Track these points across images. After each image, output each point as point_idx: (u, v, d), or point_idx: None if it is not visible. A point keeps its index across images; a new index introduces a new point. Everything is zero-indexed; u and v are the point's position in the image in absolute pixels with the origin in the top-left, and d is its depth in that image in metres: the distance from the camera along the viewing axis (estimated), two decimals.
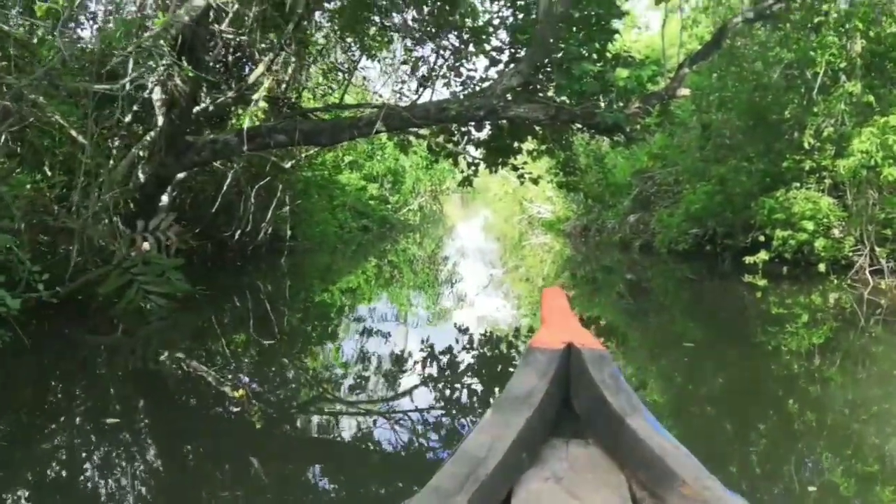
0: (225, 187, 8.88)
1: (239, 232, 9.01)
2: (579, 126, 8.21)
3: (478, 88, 8.50)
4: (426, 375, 5.42)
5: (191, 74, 5.60)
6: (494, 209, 33.04)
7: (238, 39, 8.16)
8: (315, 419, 4.52)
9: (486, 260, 16.37)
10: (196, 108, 8.47)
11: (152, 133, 7.07)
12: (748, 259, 10.89)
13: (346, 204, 17.16)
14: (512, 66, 7.52)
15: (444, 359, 5.94)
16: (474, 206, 44.10)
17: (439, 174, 21.51)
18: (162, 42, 5.26)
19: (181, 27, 5.35)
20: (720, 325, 8.41)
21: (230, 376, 5.27)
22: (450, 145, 9.97)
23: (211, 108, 8.70)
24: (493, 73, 8.42)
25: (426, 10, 8.65)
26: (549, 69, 7.82)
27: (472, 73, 9.10)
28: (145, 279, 5.88)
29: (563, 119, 7.30)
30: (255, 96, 8.23)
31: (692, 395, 5.21)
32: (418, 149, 12.20)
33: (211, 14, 6.41)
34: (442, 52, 8.68)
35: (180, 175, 8.11)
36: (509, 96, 7.76)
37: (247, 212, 8.71)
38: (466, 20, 8.72)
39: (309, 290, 10.43)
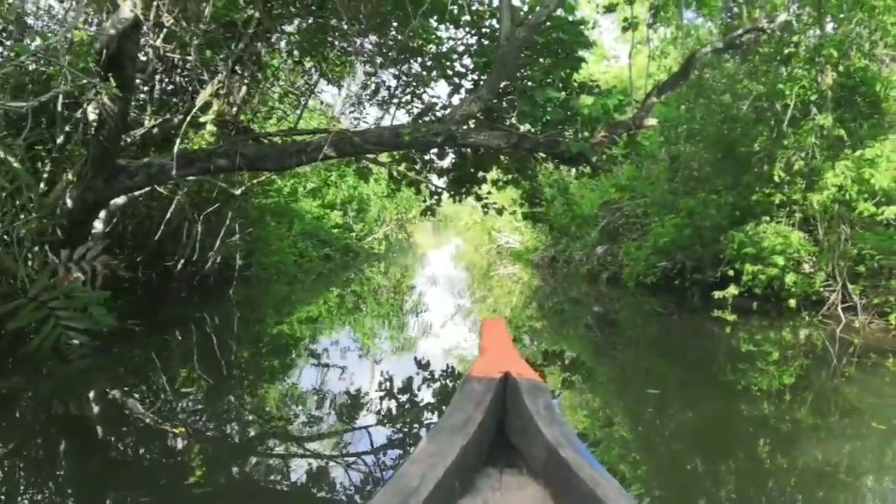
0: (170, 213, 8.39)
1: (183, 261, 8.50)
2: (543, 155, 7.92)
3: (439, 115, 8.20)
4: (382, 413, 5.04)
5: (117, 93, 5.16)
6: (465, 238, 32.72)
7: (190, 60, 7.78)
8: (259, 460, 4.18)
9: (453, 290, 16.00)
10: (140, 131, 8.04)
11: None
12: (717, 294, 10.66)
13: (307, 232, 16.71)
14: (473, 92, 7.21)
15: (403, 397, 5.54)
16: (446, 234, 43.79)
17: (406, 202, 21.15)
18: (67, 57, 4.84)
19: (106, 41, 4.94)
20: (688, 361, 8.11)
21: (163, 416, 4.77)
22: (412, 173, 9.64)
23: (155, 130, 8.27)
24: (456, 100, 8.15)
25: (389, 35, 8.36)
26: (511, 96, 7.54)
27: (434, 100, 8.83)
28: (66, 314, 5.38)
29: (525, 147, 6.99)
30: (202, 119, 7.81)
31: (658, 436, 4.98)
32: (380, 177, 11.82)
33: (150, 29, 6.01)
34: (403, 77, 8.38)
35: (119, 200, 7.63)
36: (471, 123, 7.46)
37: (192, 239, 8.21)
38: (429, 46, 8.45)
39: (261, 322, 9.92)
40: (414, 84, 8.47)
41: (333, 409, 5.22)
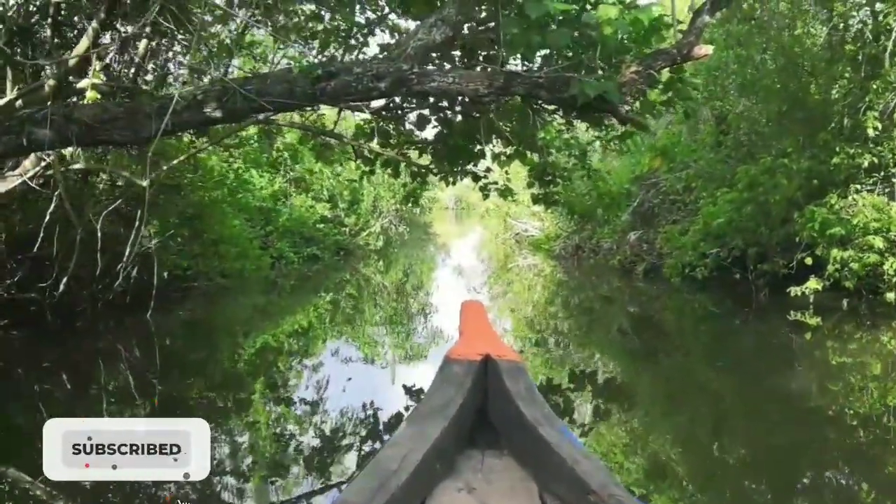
0: (49, 216, 6.25)
1: (64, 281, 6.36)
2: (545, 105, 5.61)
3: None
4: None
5: None
6: (485, 226, 30.51)
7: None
8: None
9: (469, 286, 13.84)
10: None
11: None
12: (794, 290, 8.22)
13: (286, 229, 14.49)
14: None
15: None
16: (469, 222, 42.42)
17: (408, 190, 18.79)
18: None
19: None
20: (758, 379, 6.26)
21: None
22: (387, 150, 7.45)
23: (20, 102, 6.06)
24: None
25: None
26: (491, 25, 5.19)
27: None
28: None
29: (515, 91, 4.66)
30: (81, 84, 5.61)
31: (725, 471, 4.12)
32: (342, 158, 9.59)
33: None
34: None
35: None
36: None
37: (72, 251, 6.05)
38: None
39: (199, 350, 7.76)
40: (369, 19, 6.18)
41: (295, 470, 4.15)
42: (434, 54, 5.43)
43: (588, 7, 4.78)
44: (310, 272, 14.68)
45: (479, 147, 7.56)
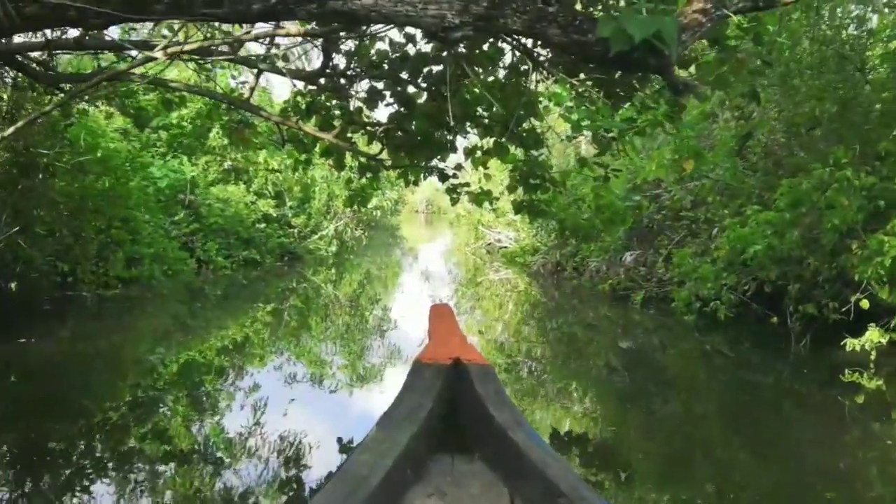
0: None
1: None
2: (551, 60, 3.66)
3: None
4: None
5: None
6: (455, 232, 28.47)
7: None
8: None
9: (434, 297, 11.82)
10: None
11: None
12: (852, 343, 6.34)
13: (216, 228, 12.35)
14: None
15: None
16: (439, 226, 40.49)
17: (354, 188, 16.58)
18: None
19: None
20: (796, 455, 4.71)
21: None
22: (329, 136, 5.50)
23: None
24: None
25: None
26: None
27: None
28: None
29: (506, 26, 2.69)
30: None
31: None
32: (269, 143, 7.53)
33: None
34: None
35: None
36: None
37: None
38: None
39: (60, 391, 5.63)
40: None
41: None
42: None
43: None
44: (245, 280, 12.56)
45: (448, 136, 5.69)
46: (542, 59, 3.72)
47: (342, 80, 5.45)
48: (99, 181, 7.73)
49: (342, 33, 4.58)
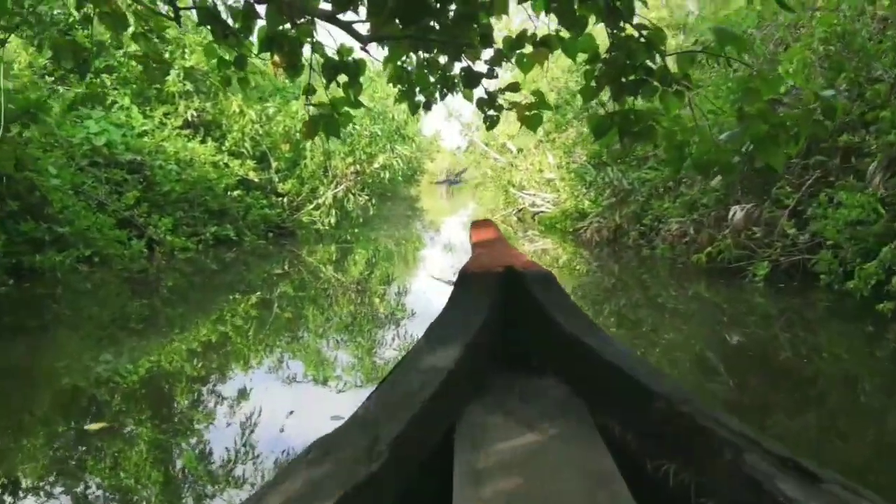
0: None
1: None
2: None
3: None
4: None
5: None
6: (479, 200, 25.54)
7: None
8: None
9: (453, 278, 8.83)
10: None
11: None
12: None
13: (176, 198, 9.56)
14: None
15: None
16: (461, 197, 37.48)
17: (376, 142, 13.44)
18: None
19: None
20: None
21: None
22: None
23: None
24: None
25: None
26: None
27: None
28: None
29: None
30: None
31: None
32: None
33: None
34: None
35: None
36: None
37: None
38: None
39: None
40: None
41: None
42: None
43: None
44: (217, 264, 9.78)
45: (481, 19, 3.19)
46: None
47: None
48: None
49: None
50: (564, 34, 2.97)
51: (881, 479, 3.13)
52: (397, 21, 2.99)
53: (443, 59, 3.48)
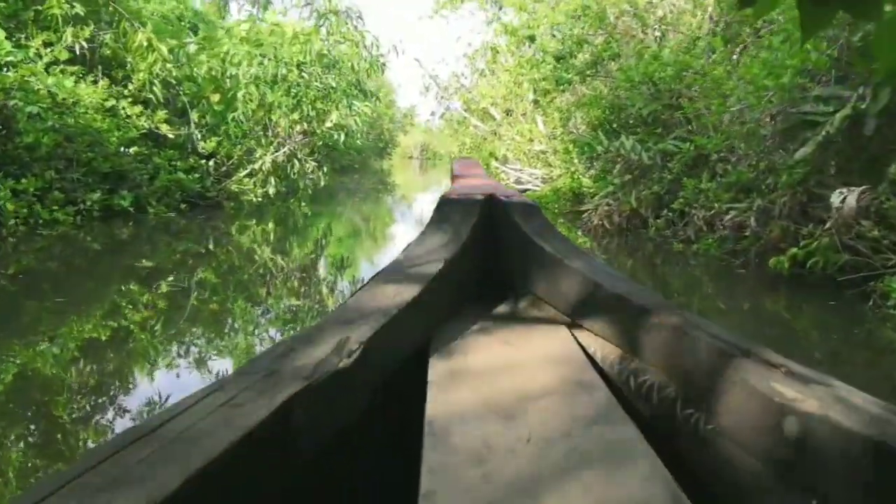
0: None
1: None
2: None
3: None
4: None
5: None
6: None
7: None
8: None
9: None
10: None
11: None
12: None
13: (34, 154, 7.00)
14: None
15: None
16: (434, 173, 36.41)
17: (334, 98, 10.75)
18: None
19: None
20: None
21: None
22: None
23: None
24: None
25: None
26: None
27: None
28: None
29: None
30: None
31: None
32: None
33: None
34: None
35: None
36: None
37: None
38: None
39: None
40: None
41: None
42: None
43: None
44: (101, 243, 7.29)
45: None
46: None
47: None
48: None
49: None
50: None
51: None
52: None
53: None
